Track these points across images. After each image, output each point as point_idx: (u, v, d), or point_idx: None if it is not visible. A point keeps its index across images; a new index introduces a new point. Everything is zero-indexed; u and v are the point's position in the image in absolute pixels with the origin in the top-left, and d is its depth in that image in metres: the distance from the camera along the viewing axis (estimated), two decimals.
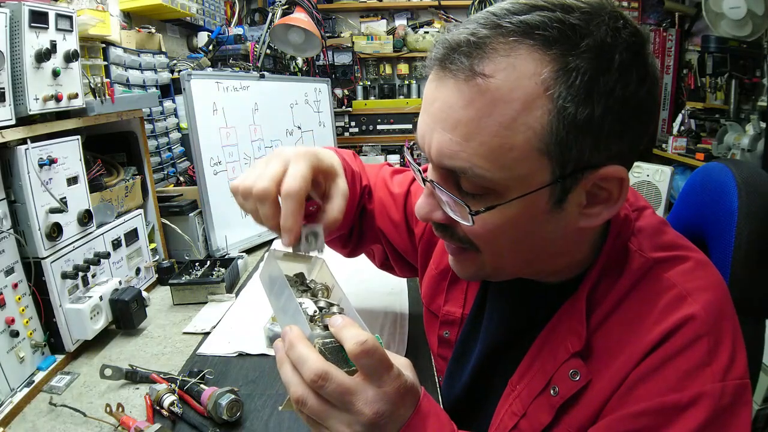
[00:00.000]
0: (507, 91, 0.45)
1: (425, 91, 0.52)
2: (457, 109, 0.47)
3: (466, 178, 0.49)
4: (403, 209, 0.85)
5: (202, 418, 0.78)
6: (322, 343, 0.48)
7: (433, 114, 0.50)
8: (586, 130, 0.45)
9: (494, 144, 0.46)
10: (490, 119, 0.45)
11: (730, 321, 0.52)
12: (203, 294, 1.20)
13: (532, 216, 0.50)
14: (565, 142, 0.46)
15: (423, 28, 3.67)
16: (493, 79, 0.45)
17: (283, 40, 2.28)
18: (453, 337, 0.76)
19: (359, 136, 3.61)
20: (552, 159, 0.46)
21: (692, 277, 0.54)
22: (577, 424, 0.54)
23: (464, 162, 0.48)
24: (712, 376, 0.49)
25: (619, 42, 0.45)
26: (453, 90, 0.47)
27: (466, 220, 0.51)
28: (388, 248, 0.90)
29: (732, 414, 0.49)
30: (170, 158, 1.93)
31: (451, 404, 0.75)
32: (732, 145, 2.58)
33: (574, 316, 0.56)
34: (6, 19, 0.86)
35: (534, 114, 0.45)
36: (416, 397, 0.49)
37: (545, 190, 0.48)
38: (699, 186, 0.78)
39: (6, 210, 0.86)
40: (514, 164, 0.47)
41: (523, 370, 0.61)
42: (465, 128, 0.47)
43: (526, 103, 0.45)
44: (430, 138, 0.50)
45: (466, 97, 0.46)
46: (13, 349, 0.85)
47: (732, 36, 2.52)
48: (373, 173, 0.91)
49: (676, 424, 0.48)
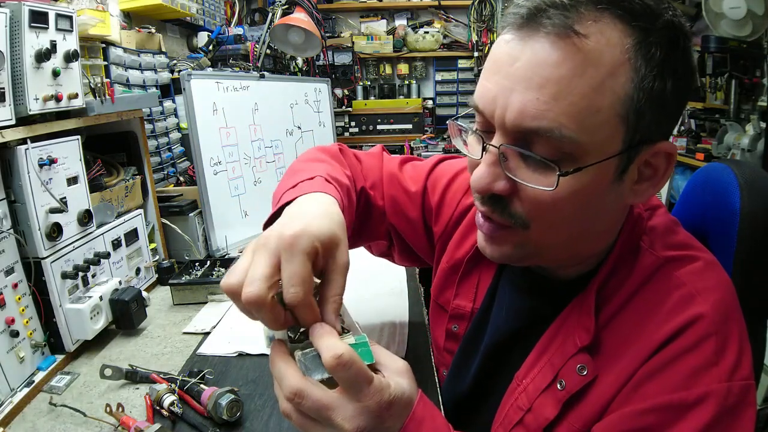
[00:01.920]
0: (598, 54, 0.46)
1: (497, 53, 0.51)
2: (546, 68, 0.46)
3: (546, 141, 0.47)
4: (421, 208, 0.82)
5: (202, 418, 0.78)
6: (302, 354, 0.47)
7: (513, 74, 0.48)
8: (657, 104, 0.48)
9: (582, 105, 0.46)
10: (582, 80, 0.46)
11: (737, 322, 0.53)
12: (203, 294, 1.20)
13: (599, 185, 0.50)
14: (641, 112, 0.47)
15: (423, 28, 3.67)
16: (588, 41, 0.46)
17: (283, 40, 2.28)
18: (461, 331, 0.76)
19: (359, 136, 3.61)
20: (628, 127, 0.48)
21: (702, 277, 0.54)
22: (582, 420, 0.54)
23: (551, 122, 0.46)
24: (719, 376, 0.49)
25: (681, 27, 0.48)
26: (545, 47, 0.47)
27: (547, 185, 0.48)
28: (398, 243, 0.87)
29: (737, 414, 0.49)
30: (170, 158, 1.92)
31: (455, 398, 0.74)
32: (732, 145, 2.58)
33: (584, 310, 0.56)
34: (6, 19, 0.86)
35: (618, 80, 0.46)
36: (408, 406, 0.48)
37: (614, 160, 0.49)
38: (700, 186, 0.77)
39: (6, 210, 0.86)
40: (597, 128, 0.47)
41: (529, 365, 0.61)
42: (555, 87, 0.46)
43: (613, 68, 0.46)
44: (506, 99, 0.48)
45: (560, 56, 0.46)
46: (13, 349, 0.85)
47: (732, 36, 2.52)
48: (375, 167, 0.85)
49: (682, 423, 0.48)
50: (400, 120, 3.57)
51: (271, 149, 1.81)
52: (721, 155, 2.65)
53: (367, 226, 0.84)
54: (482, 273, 0.74)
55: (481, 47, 3.58)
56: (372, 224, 0.84)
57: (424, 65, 3.75)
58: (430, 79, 3.79)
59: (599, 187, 0.50)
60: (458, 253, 0.77)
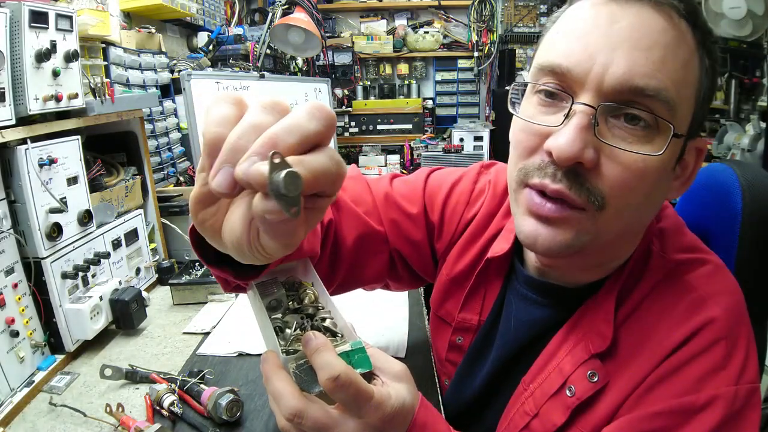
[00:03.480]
0: (684, 33, 0.48)
1: (582, 15, 0.50)
2: (653, 32, 0.47)
3: (650, 102, 0.46)
4: (425, 228, 0.77)
5: (202, 418, 0.78)
6: (296, 366, 0.45)
7: (616, 34, 0.47)
8: (708, 99, 0.51)
9: (680, 75, 0.48)
10: (680, 50, 0.48)
11: (745, 325, 0.53)
12: (203, 294, 1.20)
13: (666, 169, 0.50)
14: (702, 102, 0.50)
15: (423, 28, 3.67)
16: (681, 19, 0.48)
17: (283, 40, 2.28)
18: (466, 344, 0.73)
19: (359, 136, 3.61)
20: (695, 111, 0.50)
21: (712, 281, 0.54)
22: (591, 425, 0.54)
23: (660, 82, 0.46)
24: (727, 380, 0.49)
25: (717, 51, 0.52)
26: (649, 12, 0.47)
27: (652, 150, 0.47)
28: (401, 266, 0.80)
29: (742, 417, 0.49)
30: (170, 158, 1.92)
31: (459, 407, 0.73)
32: (732, 145, 2.58)
33: (599, 315, 0.56)
34: (6, 19, 0.86)
35: (695, 64, 0.49)
36: (408, 414, 0.47)
37: (680, 141, 0.50)
38: (702, 187, 0.77)
39: (6, 210, 0.86)
40: (684, 102, 0.48)
41: (537, 370, 0.60)
42: (662, 51, 0.46)
43: (691, 52, 0.49)
44: (608, 58, 0.46)
45: (664, 23, 0.47)
46: (13, 349, 0.85)
47: (732, 36, 2.52)
48: (364, 191, 0.77)
49: (689, 426, 0.48)
50: (400, 120, 3.57)
51: None
52: (721, 155, 2.65)
53: (365, 258, 0.75)
54: (489, 286, 0.71)
55: (481, 47, 3.59)
56: (370, 254, 0.75)
57: (424, 65, 3.75)
58: (430, 79, 3.80)
59: (666, 171, 0.50)
60: (458, 265, 0.74)
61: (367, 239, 0.73)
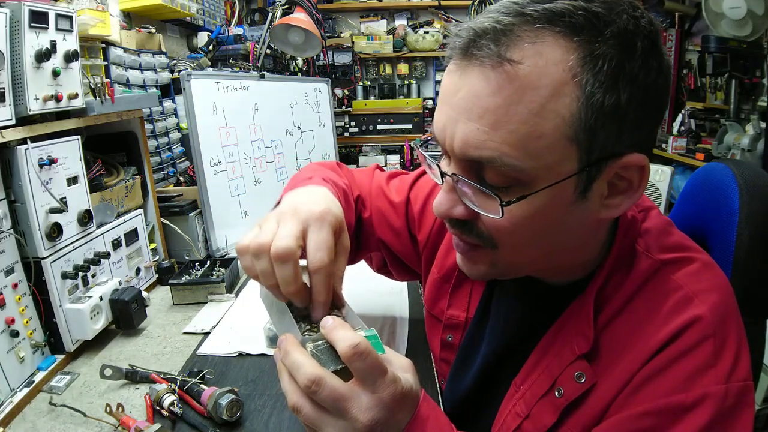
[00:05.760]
0: (535, 77, 0.44)
1: (444, 83, 0.51)
2: (483, 98, 0.46)
3: (492, 169, 0.47)
4: (405, 217, 0.84)
5: (202, 418, 0.78)
6: (314, 346, 0.47)
7: (456, 104, 0.48)
8: (612, 117, 0.46)
9: (523, 132, 0.45)
10: (519, 106, 0.45)
11: (735, 323, 0.52)
12: (203, 294, 1.20)
13: (558, 206, 0.49)
14: (592, 129, 0.45)
15: (423, 28, 3.67)
16: (522, 66, 0.44)
17: (283, 40, 2.28)
18: (456, 341, 0.75)
19: (359, 136, 3.61)
20: (580, 147, 0.46)
21: (699, 279, 0.54)
22: (581, 425, 0.54)
23: (492, 151, 0.46)
24: (717, 378, 0.49)
25: (639, 30, 0.46)
26: (479, 78, 0.46)
27: (494, 213, 0.49)
28: (388, 256, 0.89)
29: (735, 416, 0.49)
30: (170, 158, 1.93)
31: (453, 407, 0.74)
32: (732, 145, 2.58)
33: (581, 317, 0.56)
34: (6, 19, 0.86)
35: (563, 101, 0.45)
36: (415, 401, 0.48)
37: (572, 179, 0.48)
38: (700, 186, 0.77)
39: (6, 210, 0.86)
40: (542, 152, 0.46)
41: (527, 371, 0.61)
42: (493, 116, 0.46)
43: (555, 89, 0.44)
44: (452, 130, 0.49)
45: (494, 85, 0.45)
46: (13, 349, 0.85)
47: (732, 36, 2.52)
48: (365, 181, 0.88)
49: (679, 425, 0.48)
50: (400, 120, 3.58)
51: (271, 149, 1.82)
52: (721, 155, 2.65)
53: (361, 238, 0.87)
54: (474, 282, 0.74)
55: None
56: (362, 236, 0.87)
57: (424, 65, 3.75)
58: (430, 79, 3.80)
59: (558, 208, 0.49)
60: (448, 261, 0.77)
61: (361, 222, 0.85)
